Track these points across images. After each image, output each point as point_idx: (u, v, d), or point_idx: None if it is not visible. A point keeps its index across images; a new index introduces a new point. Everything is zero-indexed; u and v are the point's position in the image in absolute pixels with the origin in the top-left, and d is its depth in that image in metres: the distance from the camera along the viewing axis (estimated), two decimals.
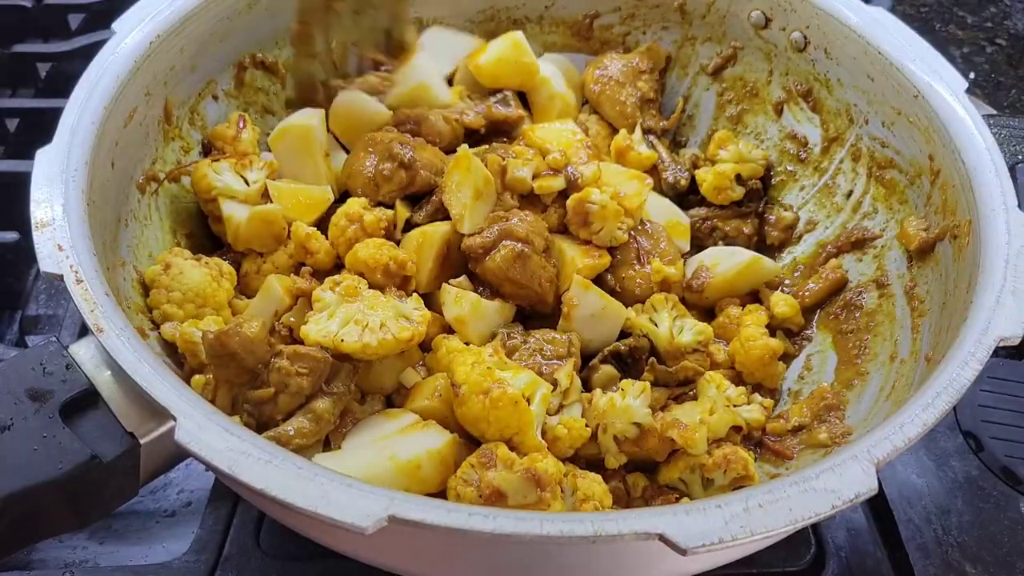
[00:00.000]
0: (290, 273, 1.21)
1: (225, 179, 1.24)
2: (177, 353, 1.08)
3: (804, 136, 1.43)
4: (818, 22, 1.37)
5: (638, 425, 1.06)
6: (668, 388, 1.18)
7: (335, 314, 1.05)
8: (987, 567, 1.13)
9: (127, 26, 1.22)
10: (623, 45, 1.58)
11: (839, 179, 1.37)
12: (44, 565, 1.11)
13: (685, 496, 1.08)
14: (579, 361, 1.16)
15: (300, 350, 1.01)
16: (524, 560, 0.89)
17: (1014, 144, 1.65)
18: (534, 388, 1.04)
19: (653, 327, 1.20)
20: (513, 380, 1.03)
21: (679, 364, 1.18)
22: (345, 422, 1.05)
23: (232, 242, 1.24)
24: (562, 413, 1.09)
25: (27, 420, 0.85)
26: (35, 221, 0.97)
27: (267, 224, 1.22)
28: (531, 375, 1.06)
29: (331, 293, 1.08)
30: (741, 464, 1.03)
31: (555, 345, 1.15)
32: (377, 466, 0.97)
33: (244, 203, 1.24)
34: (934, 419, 0.87)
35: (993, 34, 2.24)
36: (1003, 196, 1.08)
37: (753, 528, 0.76)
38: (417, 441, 1.01)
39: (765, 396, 1.20)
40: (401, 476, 0.97)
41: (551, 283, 1.19)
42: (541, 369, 1.11)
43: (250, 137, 1.33)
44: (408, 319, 1.06)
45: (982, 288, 1.00)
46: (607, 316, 1.19)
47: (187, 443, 0.80)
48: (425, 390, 1.08)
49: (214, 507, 1.15)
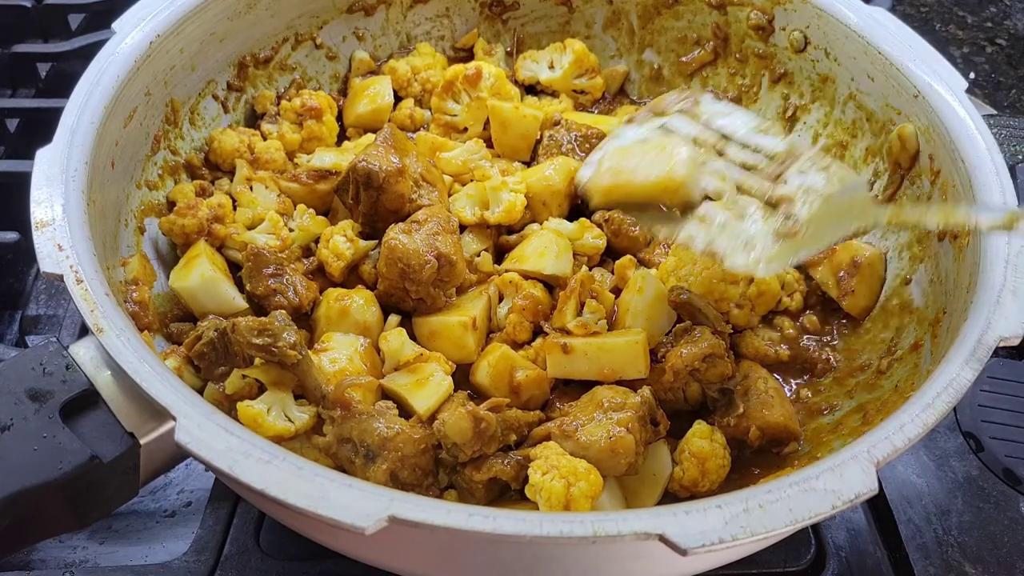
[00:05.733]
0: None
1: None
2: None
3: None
4: (818, 22, 1.37)
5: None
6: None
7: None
8: (987, 567, 1.13)
9: (127, 26, 1.23)
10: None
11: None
12: (44, 565, 1.11)
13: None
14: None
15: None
16: (524, 560, 0.89)
17: (1014, 144, 1.65)
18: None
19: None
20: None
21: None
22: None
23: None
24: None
25: (27, 420, 0.85)
26: (35, 221, 0.97)
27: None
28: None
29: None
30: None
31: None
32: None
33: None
34: (934, 419, 0.87)
35: (993, 34, 2.24)
36: (1003, 196, 1.08)
37: (753, 528, 0.76)
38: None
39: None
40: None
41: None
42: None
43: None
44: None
45: (982, 288, 1.00)
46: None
47: (187, 443, 0.80)
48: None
49: (214, 507, 1.15)
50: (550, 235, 1.28)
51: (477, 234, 1.32)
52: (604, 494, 1.02)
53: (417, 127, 1.53)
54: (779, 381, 1.22)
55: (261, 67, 1.48)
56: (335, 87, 1.58)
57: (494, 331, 1.24)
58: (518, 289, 1.23)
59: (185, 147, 1.36)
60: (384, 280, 1.19)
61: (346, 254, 1.25)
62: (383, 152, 1.25)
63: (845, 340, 1.27)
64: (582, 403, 1.11)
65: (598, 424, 1.04)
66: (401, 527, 0.76)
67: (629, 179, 1.16)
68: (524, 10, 1.64)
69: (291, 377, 1.06)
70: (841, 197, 1.09)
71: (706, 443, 1.08)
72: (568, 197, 1.34)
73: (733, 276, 1.22)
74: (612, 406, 1.07)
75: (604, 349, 1.14)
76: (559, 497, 0.96)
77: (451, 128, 1.51)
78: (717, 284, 1.22)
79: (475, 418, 1.02)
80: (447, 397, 1.11)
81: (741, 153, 1.18)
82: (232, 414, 1.03)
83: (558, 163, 1.34)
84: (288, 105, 1.45)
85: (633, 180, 1.15)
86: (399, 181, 1.24)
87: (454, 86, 1.50)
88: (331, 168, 1.36)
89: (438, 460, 1.05)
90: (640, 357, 1.14)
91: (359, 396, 1.06)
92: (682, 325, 1.17)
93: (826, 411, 1.17)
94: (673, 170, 1.13)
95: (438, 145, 1.42)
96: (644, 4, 1.58)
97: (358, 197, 1.26)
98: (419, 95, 1.56)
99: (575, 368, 1.15)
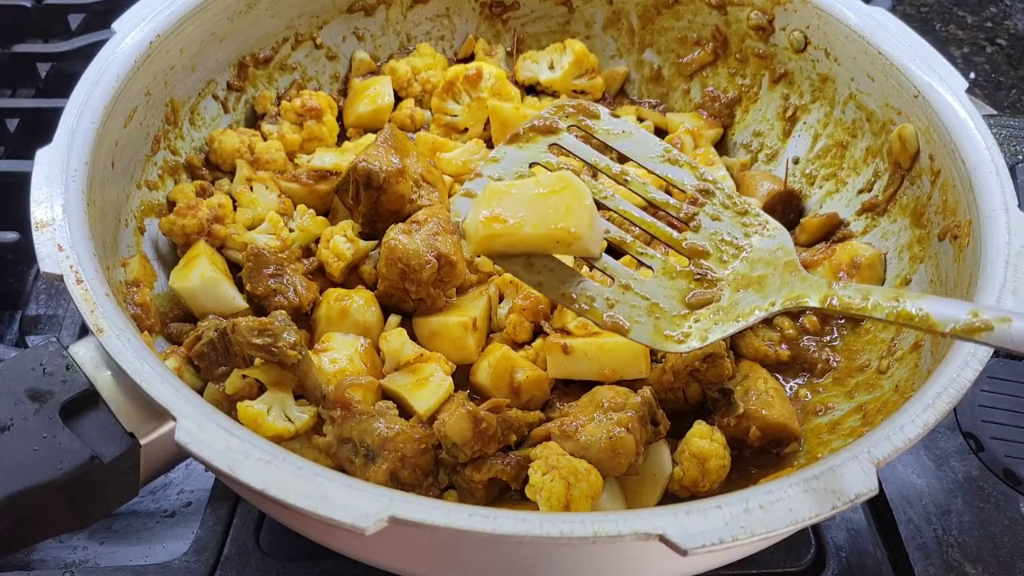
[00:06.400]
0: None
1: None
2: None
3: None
4: (818, 22, 1.37)
5: None
6: None
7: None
8: (987, 567, 1.13)
9: (127, 26, 1.23)
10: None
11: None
12: (44, 565, 1.11)
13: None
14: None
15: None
16: (524, 560, 0.89)
17: (1014, 144, 1.65)
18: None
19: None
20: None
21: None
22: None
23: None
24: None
25: (27, 420, 0.85)
26: (35, 221, 0.97)
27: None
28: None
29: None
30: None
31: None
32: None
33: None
34: (934, 419, 0.87)
35: (993, 34, 2.24)
36: (1003, 196, 1.08)
37: (753, 529, 0.76)
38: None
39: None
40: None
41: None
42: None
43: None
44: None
45: (982, 288, 1.00)
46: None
47: (187, 443, 0.80)
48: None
49: (214, 507, 1.15)
50: None
51: None
52: (604, 494, 1.02)
53: (417, 127, 1.53)
54: (779, 381, 1.22)
55: (261, 67, 1.48)
56: (335, 87, 1.58)
57: (494, 331, 1.24)
58: (518, 289, 1.23)
59: (185, 147, 1.36)
60: (384, 280, 1.19)
61: (346, 254, 1.25)
62: (383, 152, 1.25)
63: (845, 340, 1.27)
64: (582, 403, 1.11)
65: (598, 424, 1.04)
66: (401, 527, 0.76)
67: (515, 230, 0.99)
68: (524, 10, 1.64)
69: (291, 377, 1.06)
70: (764, 256, 0.97)
71: (706, 443, 1.08)
72: None
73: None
74: (612, 406, 1.06)
75: (604, 349, 1.14)
76: (559, 497, 0.96)
77: (451, 128, 1.51)
78: None
79: (475, 418, 1.02)
80: (447, 397, 1.11)
81: (644, 186, 1.08)
82: (232, 414, 1.03)
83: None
84: (288, 105, 1.45)
85: (520, 231, 1.00)
86: (399, 181, 1.24)
87: (455, 86, 1.50)
88: (331, 168, 1.36)
89: (438, 460, 1.05)
90: (640, 357, 1.14)
91: (359, 396, 1.06)
92: None
93: (825, 411, 1.17)
94: (571, 222, 0.98)
95: (438, 145, 1.42)
96: (644, 4, 1.58)
97: (358, 197, 1.26)
98: (419, 95, 1.56)
99: (575, 368, 1.15)
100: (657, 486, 1.09)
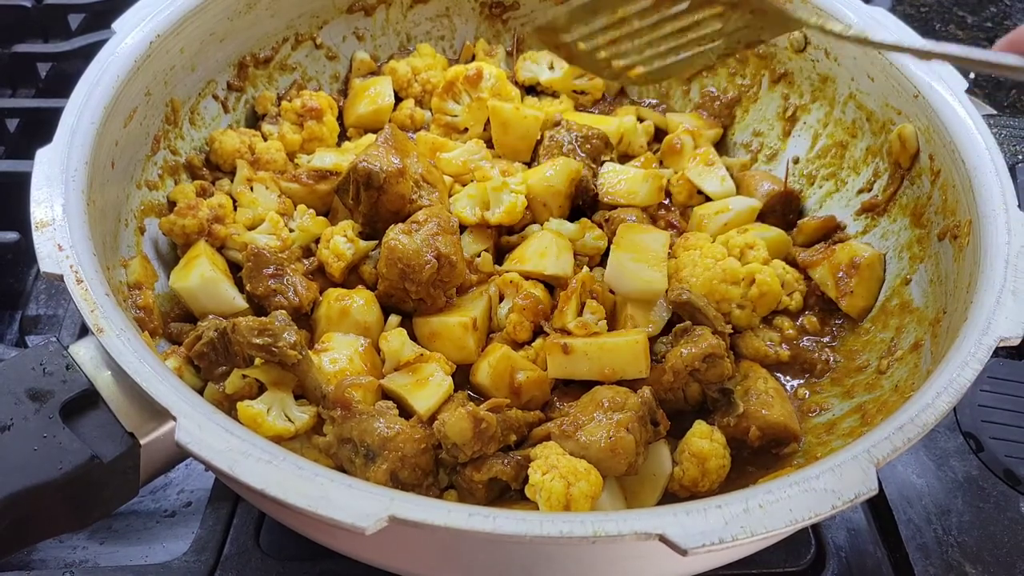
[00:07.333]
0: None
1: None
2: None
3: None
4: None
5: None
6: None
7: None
8: (987, 567, 1.13)
9: (127, 26, 1.23)
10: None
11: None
12: (44, 565, 1.11)
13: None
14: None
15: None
16: (524, 560, 0.89)
17: (1014, 144, 1.65)
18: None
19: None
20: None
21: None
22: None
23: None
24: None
25: (27, 420, 0.85)
26: (35, 221, 0.97)
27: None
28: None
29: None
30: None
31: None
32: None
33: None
34: (934, 419, 0.87)
35: (993, 34, 2.23)
36: (1003, 196, 1.08)
37: (753, 528, 0.76)
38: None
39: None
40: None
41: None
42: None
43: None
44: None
45: (982, 288, 1.00)
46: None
47: (187, 443, 0.80)
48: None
49: (214, 507, 1.15)
50: (550, 236, 1.28)
51: (477, 235, 1.32)
52: (604, 494, 1.02)
53: (417, 127, 1.53)
54: (779, 381, 1.22)
55: (261, 67, 1.48)
56: (335, 87, 1.58)
57: (494, 331, 1.24)
58: (518, 289, 1.23)
59: (185, 147, 1.36)
60: (384, 280, 1.19)
61: (346, 254, 1.25)
62: (383, 152, 1.25)
63: (845, 340, 1.27)
64: (582, 403, 1.11)
65: (598, 424, 1.04)
66: (401, 527, 0.76)
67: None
68: (524, 10, 1.64)
69: (291, 377, 1.06)
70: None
71: (706, 443, 1.08)
72: (569, 198, 1.34)
73: (734, 277, 1.22)
74: (612, 406, 1.07)
75: (605, 349, 1.14)
76: (559, 497, 0.96)
77: (451, 129, 1.51)
78: (718, 285, 1.22)
79: (475, 418, 1.02)
80: (447, 397, 1.11)
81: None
82: (232, 414, 1.03)
83: (559, 164, 1.34)
84: (289, 106, 1.45)
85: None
86: (399, 182, 1.24)
87: (455, 87, 1.50)
88: (331, 168, 1.36)
89: (438, 460, 1.05)
90: (640, 357, 1.14)
91: (359, 396, 1.06)
92: (682, 325, 1.17)
93: (821, 411, 1.17)
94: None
95: (438, 146, 1.42)
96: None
97: (358, 197, 1.26)
98: (419, 96, 1.56)
99: (575, 368, 1.15)
100: (657, 486, 1.09)
